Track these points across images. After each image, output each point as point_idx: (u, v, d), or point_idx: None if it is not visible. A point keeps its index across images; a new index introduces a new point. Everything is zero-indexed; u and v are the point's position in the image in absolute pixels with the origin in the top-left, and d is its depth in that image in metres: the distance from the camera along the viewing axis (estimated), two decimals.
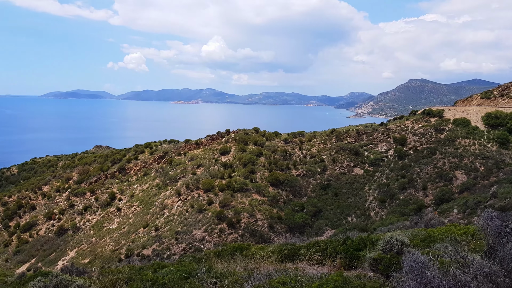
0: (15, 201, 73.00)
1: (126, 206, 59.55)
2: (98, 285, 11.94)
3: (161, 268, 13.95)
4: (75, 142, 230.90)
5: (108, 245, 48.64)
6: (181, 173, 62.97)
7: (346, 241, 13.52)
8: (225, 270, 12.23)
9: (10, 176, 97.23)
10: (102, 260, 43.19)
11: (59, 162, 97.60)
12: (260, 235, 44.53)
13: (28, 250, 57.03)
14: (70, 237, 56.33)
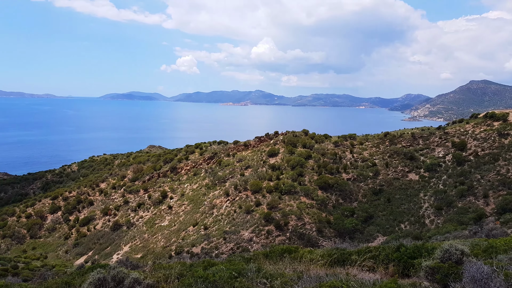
0: (75, 197, 78.11)
1: (176, 204, 61.63)
2: (151, 279, 12.47)
3: (211, 266, 14.31)
4: (130, 141, 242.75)
5: (160, 242, 50.64)
6: (229, 174, 64.04)
7: (399, 248, 13.08)
8: (274, 271, 12.29)
9: (70, 172, 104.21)
10: (154, 255, 45.04)
11: (115, 161, 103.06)
12: (308, 238, 44.16)
13: (86, 243, 60.82)
14: (124, 233, 59.31)
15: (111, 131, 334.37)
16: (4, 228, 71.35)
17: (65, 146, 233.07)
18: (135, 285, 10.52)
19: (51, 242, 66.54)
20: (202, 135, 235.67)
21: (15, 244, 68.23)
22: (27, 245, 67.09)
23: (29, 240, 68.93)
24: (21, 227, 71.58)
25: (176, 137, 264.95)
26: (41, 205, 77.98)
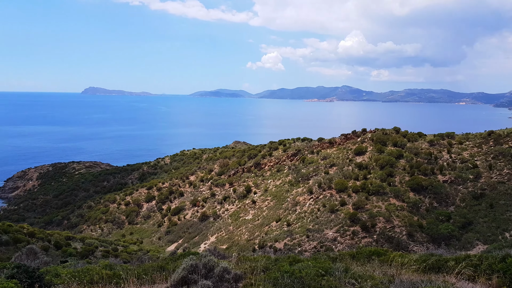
0: (167, 188, 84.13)
1: (260, 199, 62.99)
2: (238, 269, 12.90)
3: (297, 262, 14.36)
4: (217, 137, 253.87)
5: (244, 235, 52.29)
6: (313, 172, 63.53)
7: (505, 258, 11.78)
8: (363, 272, 11.92)
9: (163, 165, 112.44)
10: (238, 247, 46.67)
11: (203, 155, 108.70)
12: (397, 242, 41.98)
13: (176, 232, 65.27)
14: (211, 224, 62.41)
15: (199, 127, 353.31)
16: (106, 214, 79.71)
17: (159, 140, 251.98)
18: (224, 274, 11.00)
19: (146, 229, 72.68)
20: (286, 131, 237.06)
21: (115, 228, 75.86)
22: (125, 230, 74.14)
23: (127, 225, 76.09)
24: (121, 213, 79.28)
25: (260, 133, 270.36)
26: (138, 194, 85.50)
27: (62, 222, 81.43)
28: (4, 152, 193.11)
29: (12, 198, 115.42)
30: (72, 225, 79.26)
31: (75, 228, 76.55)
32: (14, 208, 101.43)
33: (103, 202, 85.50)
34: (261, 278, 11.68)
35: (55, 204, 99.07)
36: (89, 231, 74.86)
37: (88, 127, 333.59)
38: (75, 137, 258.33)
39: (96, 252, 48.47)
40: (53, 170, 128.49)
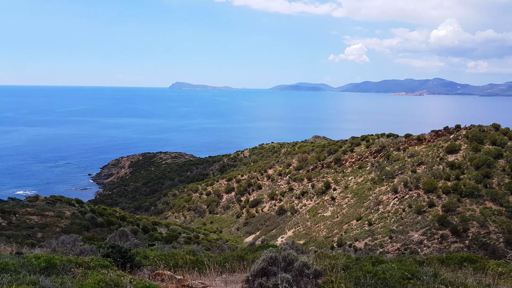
0: (246, 180, 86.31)
1: (340, 196, 61.67)
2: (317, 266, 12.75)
3: (380, 262, 13.78)
4: (296, 131, 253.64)
5: (322, 231, 51.71)
6: (398, 170, 60.42)
7: None
8: (454, 279, 11.05)
9: (243, 158, 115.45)
10: (316, 244, 46.30)
11: (282, 149, 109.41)
12: (492, 250, 38.24)
13: (254, 224, 66.77)
14: (288, 218, 62.74)
15: (278, 121, 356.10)
16: (189, 202, 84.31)
17: (239, 134, 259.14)
18: (304, 268, 10.95)
19: (225, 219, 75.48)
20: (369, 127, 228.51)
21: (197, 217, 79.94)
22: (206, 219, 77.78)
23: (208, 214, 79.74)
24: (202, 202, 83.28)
25: (341, 128, 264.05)
26: (218, 185, 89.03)
27: (150, 208, 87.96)
28: (102, 141, 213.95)
29: (107, 184, 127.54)
30: (158, 211, 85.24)
31: (161, 214, 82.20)
32: (108, 193, 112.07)
33: (186, 191, 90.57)
34: (342, 276, 11.42)
35: (143, 191, 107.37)
36: (173, 217, 79.89)
37: (174, 120, 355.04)
38: (163, 129, 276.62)
39: (179, 238, 51.53)
40: (143, 159, 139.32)
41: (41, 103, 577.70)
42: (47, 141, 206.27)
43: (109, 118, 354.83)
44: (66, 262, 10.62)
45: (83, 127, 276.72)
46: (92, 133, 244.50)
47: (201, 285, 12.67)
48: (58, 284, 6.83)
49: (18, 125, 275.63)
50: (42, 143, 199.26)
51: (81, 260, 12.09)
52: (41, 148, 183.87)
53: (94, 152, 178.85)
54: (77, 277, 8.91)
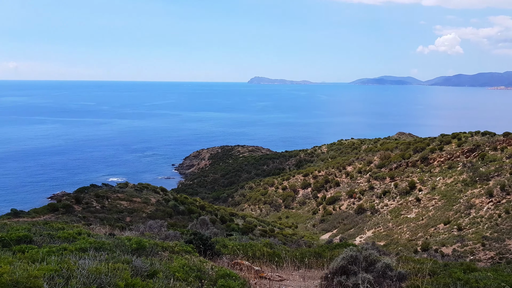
0: (323, 176, 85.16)
1: (426, 197, 58.10)
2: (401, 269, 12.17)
3: (472, 270, 12.77)
4: (378, 127, 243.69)
5: (404, 234, 49.23)
6: (495, 171, 55.15)
7: None
8: None
9: (320, 153, 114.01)
10: (397, 246, 44.24)
11: (362, 145, 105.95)
12: None
13: (331, 221, 65.76)
14: (368, 218, 60.72)
15: (359, 116, 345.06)
16: (265, 196, 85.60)
17: (317, 129, 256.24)
18: (386, 270, 10.52)
19: (301, 214, 75.36)
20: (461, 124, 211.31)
21: (272, 210, 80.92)
22: (282, 213, 78.38)
23: (283, 209, 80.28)
24: (278, 197, 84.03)
25: (429, 125, 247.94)
26: (294, 180, 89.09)
27: (227, 200, 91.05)
28: (184, 134, 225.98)
29: (188, 174, 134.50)
30: (235, 203, 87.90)
31: (238, 206, 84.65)
32: (189, 183, 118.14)
33: (262, 185, 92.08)
34: (428, 281, 10.80)
35: (222, 182, 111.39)
36: (249, 210, 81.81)
37: (252, 114, 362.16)
38: (241, 123, 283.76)
39: (255, 230, 52.64)
40: (222, 152, 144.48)
41: (131, 98, 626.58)
42: (136, 133, 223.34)
43: (191, 112, 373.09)
44: (154, 245, 11.42)
45: (168, 120, 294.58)
46: (176, 126, 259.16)
47: (278, 278, 12.81)
48: (148, 264, 7.35)
49: (111, 118, 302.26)
50: (132, 135, 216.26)
51: (166, 244, 12.91)
52: (131, 139, 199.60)
53: (177, 144, 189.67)
54: (164, 260, 9.52)
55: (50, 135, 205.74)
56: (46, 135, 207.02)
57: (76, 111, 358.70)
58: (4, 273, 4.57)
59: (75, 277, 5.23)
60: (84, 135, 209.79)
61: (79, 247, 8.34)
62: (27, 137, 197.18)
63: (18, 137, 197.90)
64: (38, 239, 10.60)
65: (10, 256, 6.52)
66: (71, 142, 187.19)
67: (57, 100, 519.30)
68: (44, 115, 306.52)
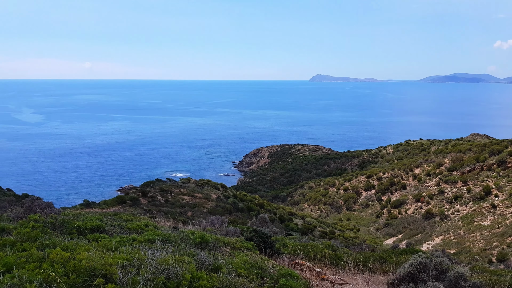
0: (388, 178, 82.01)
1: (503, 204, 53.74)
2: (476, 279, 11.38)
3: None
4: (449, 127, 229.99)
5: (478, 242, 45.94)
6: None
7: None
8: None
9: (385, 154, 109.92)
10: (469, 255, 41.38)
11: (431, 147, 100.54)
12: None
13: (396, 226, 63.15)
14: (436, 223, 57.49)
15: (428, 115, 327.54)
16: (325, 196, 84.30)
17: (382, 128, 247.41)
18: (459, 280, 9.86)
19: (364, 217, 73.21)
20: None
21: (333, 212, 79.46)
22: (343, 215, 76.71)
23: (345, 211, 78.53)
24: (339, 198, 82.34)
25: (508, 126, 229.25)
26: (356, 181, 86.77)
27: (286, 199, 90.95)
28: (244, 131, 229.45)
29: (248, 172, 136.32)
30: (294, 202, 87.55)
31: (297, 206, 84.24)
32: (249, 181, 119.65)
33: (323, 185, 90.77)
34: None
35: (281, 181, 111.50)
36: (308, 210, 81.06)
37: (313, 112, 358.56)
38: (301, 122, 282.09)
39: (315, 231, 52.05)
40: (281, 150, 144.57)
41: (195, 96, 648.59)
42: (199, 130, 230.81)
43: (251, 110, 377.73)
44: (216, 241, 11.69)
45: (229, 118, 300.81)
46: (236, 124, 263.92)
47: (340, 281, 12.53)
48: (212, 259, 7.52)
49: (176, 115, 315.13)
50: (195, 132, 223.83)
51: (227, 240, 13.16)
52: (194, 136, 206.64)
53: (237, 141, 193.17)
54: (226, 255, 9.71)
55: (120, 132, 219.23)
56: (116, 131, 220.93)
57: (144, 108, 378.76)
58: (83, 259, 4.92)
59: (145, 267, 5.49)
60: (150, 131, 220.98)
61: (147, 238, 8.74)
62: (99, 133, 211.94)
63: (91, 132, 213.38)
64: (110, 229, 11.30)
65: (86, 244, 7.00)
66: (139, 138, 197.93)
67: (127, 98, 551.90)
68: (115, 113, 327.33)
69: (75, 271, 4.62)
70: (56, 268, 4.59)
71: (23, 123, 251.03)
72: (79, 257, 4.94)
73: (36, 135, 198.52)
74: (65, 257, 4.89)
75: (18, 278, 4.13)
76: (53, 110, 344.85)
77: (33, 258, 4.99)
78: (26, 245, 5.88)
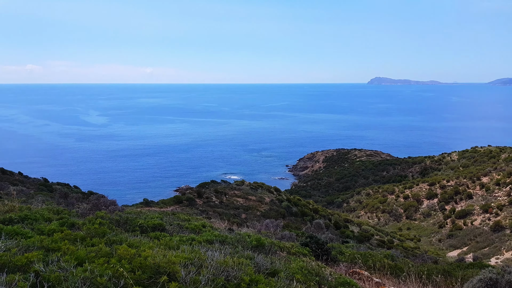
0: (453, 187, 77.60)
1: None
2: None
3: None
4: None
5: None
6: None
7: None
8: None
9: (450, 161, 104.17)
10: None
11: (501, 154, 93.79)
12: None
13: (460, 237, 59.55)
14: (507, 237, 53.41)
15: (498, 121, 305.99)
16: (384, 204, 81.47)
17: (446, 134, 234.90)
18: None
19: (425, 227, 69.80)
20: None
21: (392, 220, 76.58)
22: (402, 224, 73.67)
23: (404, 220, 75.38)
24: (399, 206, 79.20)
25: None
26: (418, 189, 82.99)
27: (342, 205, 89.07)
28: (299, 135, 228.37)
29: (302, 176, 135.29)
30: (350, 209, 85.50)
31: (353, 213, 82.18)
32: (303, 185, 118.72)
33: (381, 192, 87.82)
34: None
35: (336, 186, 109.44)
36: (365, 217, 78.78)
37: (371, 116, 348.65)
38: (358, 126, 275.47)
39: (372, 239, 50.46)
40: (337, 155, 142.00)
41: (249, 99, 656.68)
42: (254, 133, 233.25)
43: (306, 113, 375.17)
44: (272, 244, 11.68)
45: (283, 121, 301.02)
46: (291, 128, 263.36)
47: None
48: (269, 263, 7.51)
49: (231, 118, 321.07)
50: (250, 135, 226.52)
51: (282, 244, 13.11)
52: (249, 139, 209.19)
53: (291, 145, 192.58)
54: (283, 260, 9.66)
55: (178, 134, 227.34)
56: (174, 133, 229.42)
57: (200, 112, 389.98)
58: (148, 257, 5.12)
59: (205, 267, 5.60)
60: (206, 134, 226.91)
61: (205, 239, 8.93)
62: (158, 135, 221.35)
63: (151, 134, 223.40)
64: (170, 228, 11.70)
65: (149, 242, 7.29)
66: (195, 140, 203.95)
67: (186, 102, 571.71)
68: (173, 115, 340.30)
69: (141, 268, 4.83)
70: (123, 264, 4.83)
71: (90, 124, 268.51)
72: (144, 254, 5.15)
73: (101, 136, 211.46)
74: (131, 254, 5.13)
75: (89, 272, 4.40)
76: (117, 112, 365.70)
77: (102, 253, 5.29)
78: (95, 241, 6.25)
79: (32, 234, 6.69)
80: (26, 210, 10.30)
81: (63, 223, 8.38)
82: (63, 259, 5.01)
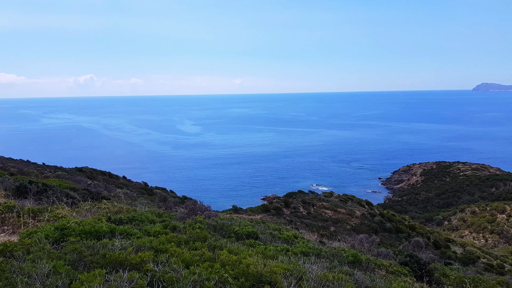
0: None
1: None
2: None
3: None
4: None
5: None
6: None
7: None
8: None
9: None
10: None
11: None
12: None
13: None
14: None
15: None
16: (492, 224, 73.83)
17: None
18: None
19: None
20: None
21: (502, 242, 69.00)
22: None
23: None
24: (510, 227, 71.17)
25: None
26: None
27: (442, 223, 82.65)
28: (394, 146, 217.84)
29: (397, 190, 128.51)
30: (452, 227, 78.97)
31: (455, 232, 75.76)
32: (398, 200, 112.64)
33: (489, 210, 79.74)
34: None
35: (436, 202, 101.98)
36: (470, 238, 72.10)
37: (477, 126, 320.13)
38: (462, 136, 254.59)
39: (478, 262, 45.95)
40: (437, 168, 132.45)
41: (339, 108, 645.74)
42: (343, 144, 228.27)
43: (402, 123, 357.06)
44: (368, 261, 11.22)
45: (376, 131, 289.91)
46: (385, 138, 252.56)
47: None
48: (368, 280, 7.21)
49: (319, 128, 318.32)
50: (339, 145, 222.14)
51: (380, 262, 12.52)
52: (338, 150, 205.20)
53: (385, 157, 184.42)
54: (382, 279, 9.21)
55: (266, 143, 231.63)
56: (262, 143, 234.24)
57: (288, 121, 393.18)
58: (250, 264, 5.24)
59: (306, 280, 5.54)
60: (294, 144, 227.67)
61: (300, 250, 8.88)
62: (247, 144, 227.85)
63: (240, 143, 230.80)
64: (262, 237, 11.88)
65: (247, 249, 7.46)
66: (283, 150, 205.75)
67: (273, 111, 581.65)
68: (261, 125, 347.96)
69: (244, 275, 4.94)
70: (227, 270, 5.00)
71: (185, 133, 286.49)
72: (245, 261, 5.27)
73: (194, 145, 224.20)
74: (233, 260, 5.28)
75: (198, 275, 4.62)
76: (209, 122, 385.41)
77: (205, 257, 5.54)
78: (197, 244, 6.57)
79: (140, 234, 7.27)
80: (133, 212, 11.22)
81: (165, 226, 8.96)
82: (170, 260, 5.34)
